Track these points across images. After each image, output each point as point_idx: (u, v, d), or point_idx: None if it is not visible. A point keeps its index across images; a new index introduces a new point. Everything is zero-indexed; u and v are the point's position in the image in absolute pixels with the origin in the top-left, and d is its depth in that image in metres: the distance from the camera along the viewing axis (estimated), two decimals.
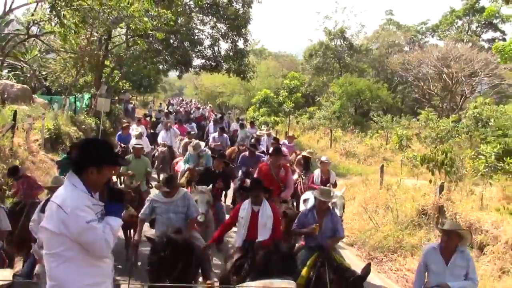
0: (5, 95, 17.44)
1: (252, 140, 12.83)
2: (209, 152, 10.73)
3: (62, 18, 8.87)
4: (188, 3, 20.23)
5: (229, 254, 5.87)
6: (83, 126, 18.18)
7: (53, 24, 9.27)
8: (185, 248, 4.85)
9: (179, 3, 18.26)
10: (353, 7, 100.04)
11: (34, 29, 16.81)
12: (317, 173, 9.02)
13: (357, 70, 37.10)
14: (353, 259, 8.23)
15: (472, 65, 28.91)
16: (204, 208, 6.49)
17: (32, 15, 12.92)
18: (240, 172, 10.17)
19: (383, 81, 34.97)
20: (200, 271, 5.39)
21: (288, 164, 9.22)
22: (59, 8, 8.58)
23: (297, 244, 6.11)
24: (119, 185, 10.08)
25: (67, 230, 2.73)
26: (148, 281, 4.88)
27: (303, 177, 9.77)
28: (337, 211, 6.99)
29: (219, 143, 14.01)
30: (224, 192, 9.44)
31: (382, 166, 11.99)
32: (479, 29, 39.51)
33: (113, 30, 21.00)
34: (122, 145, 12.91)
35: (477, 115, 18.61)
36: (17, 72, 22.50)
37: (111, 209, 3.00)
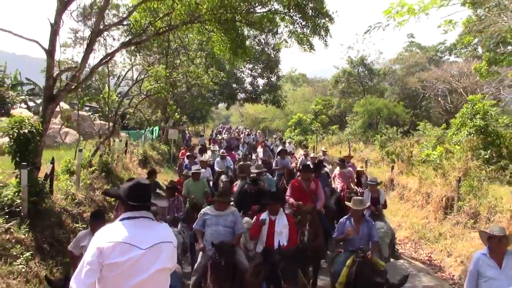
0: (100, 132, 24.32)
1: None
2: (270, 176, 11.43)
3: (160, 84, 15.43)
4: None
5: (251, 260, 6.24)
6: (160, 151, 24.14)
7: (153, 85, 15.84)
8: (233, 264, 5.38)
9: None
10: (371, 37, 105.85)
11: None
12: (366, 193, 9.14)
13: (378, 91, 41.88)
14: None
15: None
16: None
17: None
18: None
19: (404, 99, 39.21)
20: None
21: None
22: (158, 79, 15.13)
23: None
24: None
25: (176, 260, 3.18)
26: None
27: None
28: (387, 240, 7.58)
29: (281, 167, 13.55)
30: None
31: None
32: (492, 45, 42.33)
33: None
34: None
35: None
36: (99, 114, 29.35)
37: None
